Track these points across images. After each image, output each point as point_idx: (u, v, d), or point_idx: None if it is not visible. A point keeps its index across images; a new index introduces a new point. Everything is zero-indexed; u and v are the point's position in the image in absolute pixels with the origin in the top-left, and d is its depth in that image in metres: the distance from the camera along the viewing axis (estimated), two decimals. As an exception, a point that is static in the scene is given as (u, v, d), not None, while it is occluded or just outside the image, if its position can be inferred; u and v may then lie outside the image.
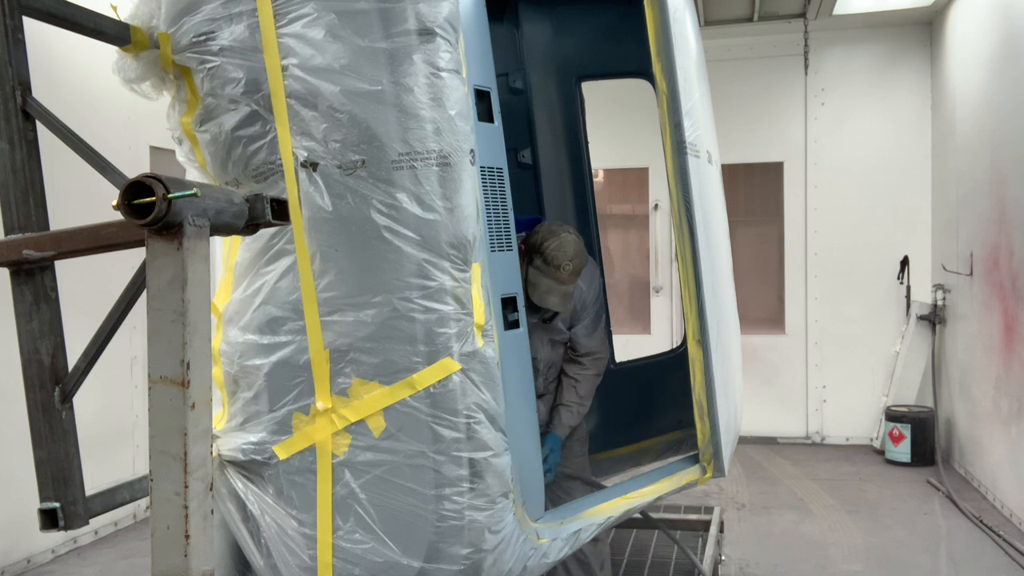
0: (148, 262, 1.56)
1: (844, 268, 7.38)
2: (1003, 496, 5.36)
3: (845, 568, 4.55)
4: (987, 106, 5.72)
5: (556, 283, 3.01)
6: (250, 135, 2.21)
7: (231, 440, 2.31)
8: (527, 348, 2.54)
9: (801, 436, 7.50)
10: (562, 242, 3.02)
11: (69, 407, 1.94)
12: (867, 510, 5.53)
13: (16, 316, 1.93)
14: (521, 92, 4.01)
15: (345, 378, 2.16)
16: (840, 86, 7.42)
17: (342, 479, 2.17)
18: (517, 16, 4.00)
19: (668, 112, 2.79)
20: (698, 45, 3.31)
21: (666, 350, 4.12)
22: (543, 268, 3.00)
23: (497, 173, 2.41)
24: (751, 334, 7.11)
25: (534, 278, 3.01)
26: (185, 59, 2.26)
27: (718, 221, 3.34)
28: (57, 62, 4.69)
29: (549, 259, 2.99)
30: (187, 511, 1.54)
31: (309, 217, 2.14)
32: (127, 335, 5.20)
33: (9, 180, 1.95)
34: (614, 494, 2.86)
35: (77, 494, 1.94)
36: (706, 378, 2.85)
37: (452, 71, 2.15)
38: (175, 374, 1.54)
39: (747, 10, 7.13)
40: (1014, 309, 5.21)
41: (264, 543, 2.26)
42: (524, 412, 2.48)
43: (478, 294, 2.17)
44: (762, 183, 7.78)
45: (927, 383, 6.92)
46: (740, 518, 5.41)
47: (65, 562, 4.78)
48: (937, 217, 7.07)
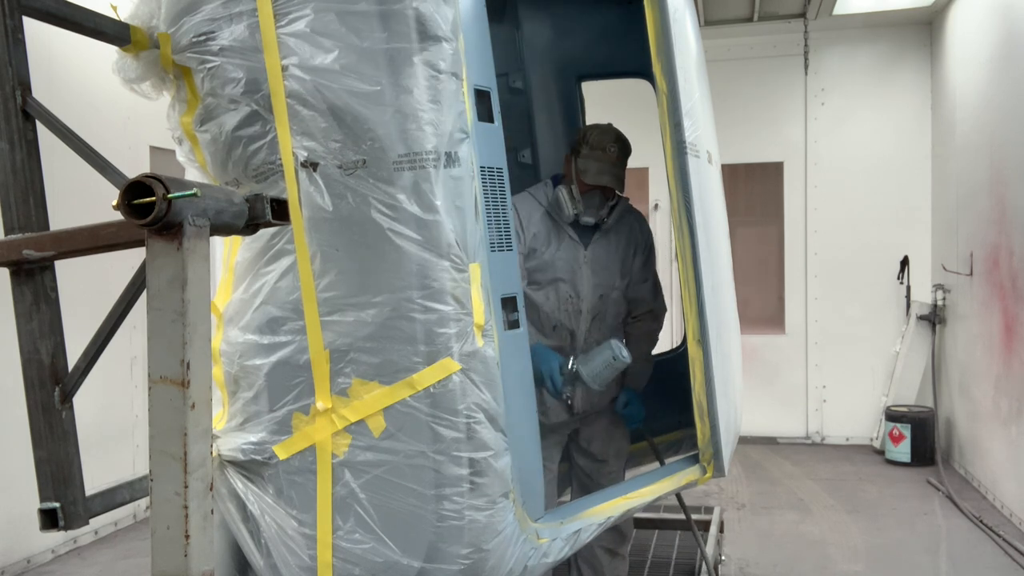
0: (148, 262, 1.56)
1: (844, 268, 7.38)
2: (1003, 496, 5.36)
3: (845, 568, 4.55)
4: (987, 106, 5.72)
5: (607, 164, 3.13)
6: (250, 135, 2.21)
7: (231, 440, 2.31)
8: (527, 348, 2.54)
9: (801, 436, 7.50)
10: (604, 129, 3.20)
11: (69, 407, 1.94)
12: (867, 510, 5.53)
13: (16, 316, 1.92)
14: (521, 92, 4.01)
15: (345, 378, 2.16)
16: (840, 86, 7.42)
17: (342, 479, 2.17)
18: (517, 16, 4.00)
19: (668, 112, 2.78)
20: (698, 45, 3.31)
21: (666, 350, 4.11)
22: (591, 154, 3.13)
23: (497, 173, 2.41)
24: (751, 334, 7.11)
25: (584, 164, 3.14)
26: (185, 59, 2.26)
27: (718, 221, 3.34)
28: (57, 62, 4.68)
29: (595, 144, 3.14)
30: (187, 511, 1.54)
31: (309, 217, 2.14)
32: (127, 335, 5.20)
33: (9, 180, 1.95)
34: (614, 494, 2.85)
35: (77, 494, 1.94)
36: (706, 378, 2.85)
37: (452, 72, 2.15)
38: (175, 374, 1.54)
39: (747, 10, 7.14)
40: (1014, 309, 5.21)
41: (264, 543, 2.26)
42: (524, 412, 2.48)
43: (478, 294, 2.17)
44: (762, 183, 7.78)
45: (927, 383, 6.92)
46: (740, 518, 5.41)
47: (65, 562, 4.78)
48: (937, 217, 7.07)
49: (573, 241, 3.23)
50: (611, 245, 3.30)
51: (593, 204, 3.18)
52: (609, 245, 3.29)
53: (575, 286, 3.22)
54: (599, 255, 3.26)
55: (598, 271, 3.26)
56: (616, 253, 3.31)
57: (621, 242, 3.33)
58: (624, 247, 3.33)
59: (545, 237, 3.19)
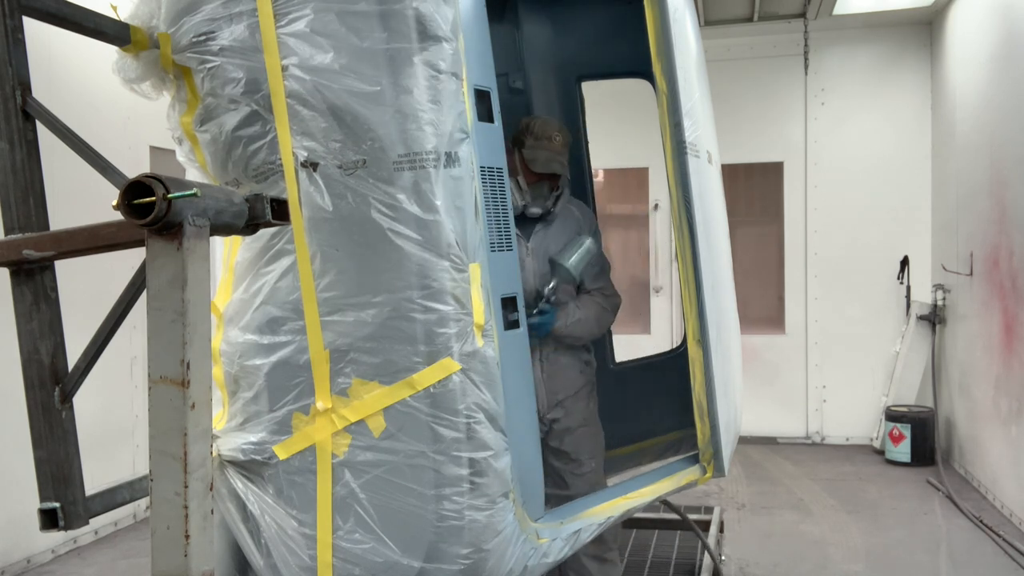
0: (148, 262, 1.56)
1: (844, 268, 7.38)
2: (1003, 496, 5.36)
3: (845, 568, 4.55)
4: (987, 106, 5.72)
5: (553, 153, 3.21)
6: (250, 135, 2.21)
7: (231, 440, 2.31)
8: (527, 348, 2.54)
9: (801, 436, 7.50)
10: (544, 120, 3.31)
11: (69, 407, 1.94)
12: (867, 510, 5.53)
13: (16, 316, 1.92)
14: (521, 92, 4.01)
15: (345, 378, 2.16)
16: (840, 86, 7.42)
17: (342, 479, 2.17)
18: (517, 16, 3.99)
19: (668, 112, 2.78)
20: (698, 45, 3.31)
21: (666, 350, 4.11)
22: (535, 144, 3.21)
23: (497, 173, 2.42)
24: (751, 334, 7.11)
25: (531, 155, 3.20)
26: (185, 59, 2.26)
27: (718, 221, 3.33)
28: (57, 62, 4.68)
29: (539, 134, 3.22)
30: (187, 511, 1.54)
31: (309, 217, 2.14)
32: (127, 335, 5.20)
33: (9, 180, 1.95)
34: (614, 494, 2.85)
35: (77, 494, 1.94)
36: (706, 378, 2.85)
37: (452, 72, 2.15)
38: (175, 374, 1.54)
39: (747, 10, 7.13)
40: (1014, 309, 5.21)
41: (264, 543, 2.26)
42: (524, 412, 2.48)
43: (477, 294, 2.17)
44: (762, 183, 7.78)
45: (927, 383, 6.92)
46: (740, 518, 5.41)
47: (65, 562, 4.78)
48: (937, 217, 7.07)
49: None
50: (554, 234, 3.29)
51: (541, 194, 3.23)
52: (552, 234, 3.29)
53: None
54: (543, 245, 3.26)
55: (542, 262, 3.25)
56: (560, 240, 3.29)
57: (566, 229, 3.32)
58: (569, 233, 3.31)
59: None
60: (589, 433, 3.40)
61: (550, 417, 3.28)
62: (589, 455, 3.37)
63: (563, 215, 3.34)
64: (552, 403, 3.29)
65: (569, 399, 3.33)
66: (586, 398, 3.40)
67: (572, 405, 3.34)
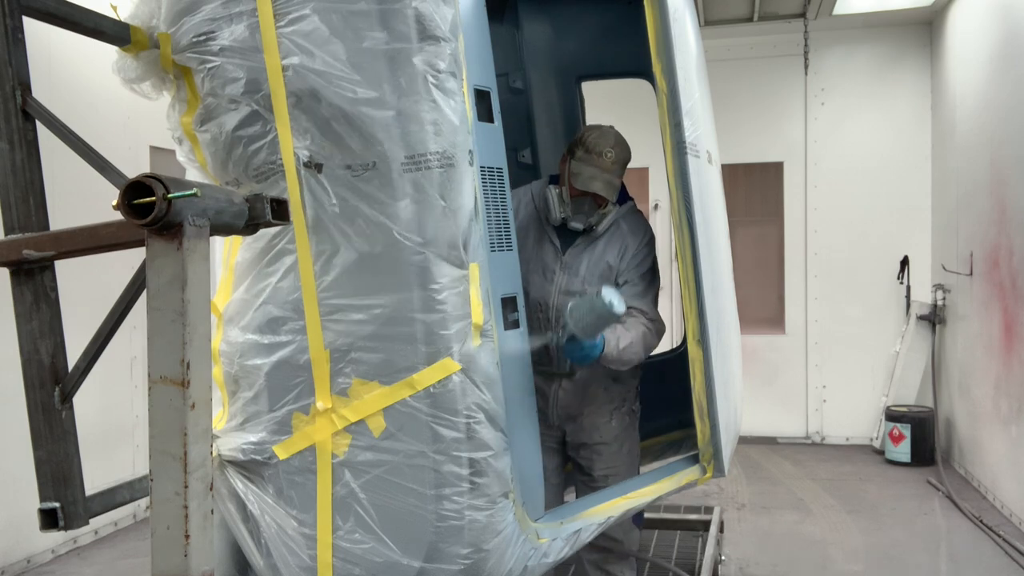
0: (148, 262, 1.56)
1: (844, 268, 7.38)
2: (1003, 496, 5.36)
3: (845, 568, 4.55)
4: (987, 106, 5.72)
5: (599, 170, 2.97)
6: (250, 135, 2.21)
7: (231, 440, 2.31)
8: (527, 348, 2.54)
9: (801, 436, 7.50)
10: (603, 132, 3.05)
11: (69, 407, 1.94)
12: (867, 510, 5.53)
13: (16, 316, 1.92)
14: (521, 92, 4.01)
15: (345, 378, 2.16)
16: (840, 86, 7.42)
17: (342, 479, 2.17)
18: (517, 16, 3.99)
19: (668, 112, 2.78)
20: (698, 45, 3.31)
21: (666, 350, 4.10)
22: (584, 157, 2.98)
23: (497, 173, 2.42)
24: (751, 334, 7.11)
25: (576, 168, 2.99)
26: (185, 59, 2.26)
27: (718, 221, 3.33)
28: (57, 62, 4.68)
29: (590, 147, 2.98)
30: (187, 511, 1.54)
31: (310, 217, 2.15)
32: (127, 335, 5.20)
33: (9, 180, 1.95)
34: (614, 494, 2.86)
35: (77, 494, 1.94)
36: (706, 378, 2.85)
37: (452, 72, 2.15)
38: (175, 374, 1.54)
39: (747, 10, 7.13)
40: (1014, 309, 5.21)
41: (264, 543, 2.26)
42: (524, 412, 2.48)
43: (477, 294, 2.17)
44: (762, 183, 7.78)
45: (927, 383, 6.92)
46: (740, 518, 5.41)
47: (65, 562, 4.78)
48: (937, 217, 7.07)
49: (552, 243, 3.10)
50: (593, 253, 3.09)
51: (582, 210, 3.01)
52: (591, 253, 3.09)
53: (543, 288, 3.09)
54: (577, 261, 3.09)
55: (572, 277, 3.08)
56: (598, 259, 3.09)
57: (607, 252, 3.09)
58: (610, 258, 3.09)
59: (525, 230, 3.09)
60: (609, 451, 3.23)
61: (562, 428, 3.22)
62: (603, 471, 3.22)
63: (609, 235, 3.10)
64: (565, 416, 3.19)
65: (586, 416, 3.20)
66: (608, 415, 3.22)
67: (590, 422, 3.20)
